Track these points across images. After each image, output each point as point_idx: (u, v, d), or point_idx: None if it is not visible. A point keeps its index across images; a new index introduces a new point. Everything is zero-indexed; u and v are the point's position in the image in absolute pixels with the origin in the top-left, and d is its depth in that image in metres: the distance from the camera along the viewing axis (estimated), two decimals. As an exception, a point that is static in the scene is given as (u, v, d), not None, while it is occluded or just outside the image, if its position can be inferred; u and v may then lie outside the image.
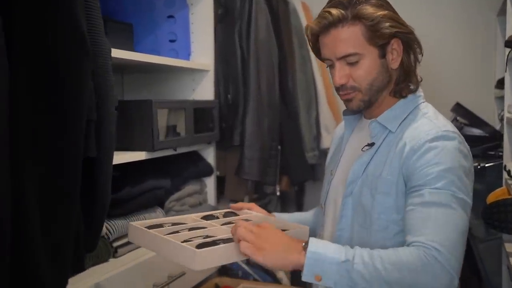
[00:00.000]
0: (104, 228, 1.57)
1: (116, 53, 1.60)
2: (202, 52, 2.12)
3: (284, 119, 2.30)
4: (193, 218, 1.49)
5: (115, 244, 1.62)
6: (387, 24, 1.24)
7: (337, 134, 1.58)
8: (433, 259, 1.10)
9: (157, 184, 1.83)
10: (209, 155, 2.15)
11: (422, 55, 1.33)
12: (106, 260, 1.58)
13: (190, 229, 1.39)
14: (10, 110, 0.90)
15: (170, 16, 2.06)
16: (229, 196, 2.22)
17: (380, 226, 1.26)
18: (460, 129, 2.08)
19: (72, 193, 1.01)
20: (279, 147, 2.26)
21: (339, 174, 1.42)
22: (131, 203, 1.70)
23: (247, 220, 1.50)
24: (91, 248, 1.19)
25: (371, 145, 1.33)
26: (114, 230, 1.61)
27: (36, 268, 0.96)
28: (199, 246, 1.22)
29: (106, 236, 1.59)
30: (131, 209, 1.70)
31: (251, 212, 1.55)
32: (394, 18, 1.27)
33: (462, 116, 2.57)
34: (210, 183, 2.16)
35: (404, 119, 1.31)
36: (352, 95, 1.31)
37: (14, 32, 0.90)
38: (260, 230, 1.17)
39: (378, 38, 1.25)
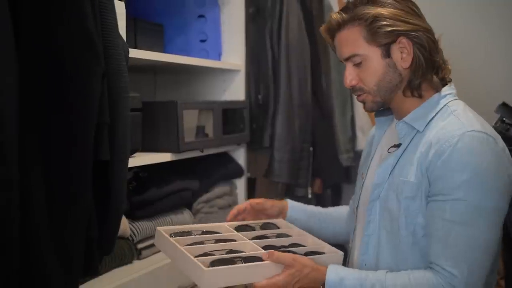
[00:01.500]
0: (128, 229, 1.57)
1: (147, 54, 1.62)
2: (233, 52, 2.10)
3: (317, 120, 2.24)
4: (226, 227, 1.46)
5: (140, 246, 1.62)
6: (384, 23, 1.22)
7: (371, 136, 1.54)
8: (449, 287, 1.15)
9: (185, 186, 1.82)
10: (240, 156, 2.13)
11: (438, 53, 1.27)
12: (130, 262, 1.58)
13: (217, 240, 1.37)
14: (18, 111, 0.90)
15: (201, 16, 2.04)
16: (260, 198, 2.17)
17: (408, 231, 1.23)
18: (507, 130, 1.98)
19: (82, 196, 1.00)
20: (311, 148, 2.20)
21: (370, 178, 1.38)
22: (156, 205, 1.69)
23: (281, 235, 1.46)
24: (107, 252, 1.18)
25: (397, 146, 1.29)
26: (139, 231, 1.60)
27: (44, 272, 0.95)
28: (215, 262, 1.19)
29: (130, 238, 1.59)
30: (156, 210, 1.69)
31: (291, 227, 1.52)
32: (396, 16, 1.22)
33: (509, 116, 2.44)
34: (240, 184, 2.14)
35: (432, 118, 1.26)
36: (363, 97, 1.31)
37: (20, 34, 0.90)
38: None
39: (379, 38, 1.24)
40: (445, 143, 1.18)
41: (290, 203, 1.62)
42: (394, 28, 1.22)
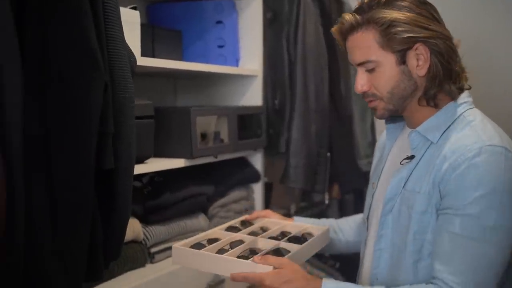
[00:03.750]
0: (141, 234, 1.60)
1: (164, 63, 1.64)
2: (251, 57, 2.10)
3: (334, 125, 2.23)
4: (217, 231, 1.52)
5: (153, 250, 1.64)
6: (401, 28, 1.15)
7: (381, 142, 1.50)
8: None
9: (199, 191, 1.84)
10: (257, 161, 2.13)
11: (459, 61, 1.22)
12: (143, 266, 1.61)
13: (231, 244, 1.41)
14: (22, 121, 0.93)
15: (219, 22, 2.06)
16: (276, 203, 2.18)
17: (415, 247, 1.19)
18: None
19: (84, 203, 1.02)
20: (329, 154, 2.19)
21: (381, 188, 1.34)
22: (170, 210, 1.71)
23: (264, 228, 1.56)
24: (115, 257, 1.21)
25: (410, 158, 1.23)
26: (152, 236, 1.63)
27: (46, 277, 0.98)
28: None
29: (143, 242, 1.62)
30: (170, 215, 1.71)
31: (273, 221, 1.59)
32: (413, 21, 1.15)
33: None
34: (257, 189, 2.14)
35: (447, 128, 1.20)
36: (375, 103, 1.25)
37: (24, 48, 0.93)
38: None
39: (394, 44, 1.17)
40: (461, 157, 1.12)
41: (297, 219, 1.63)
42: (411, 35, 1.15)
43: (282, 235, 1.51)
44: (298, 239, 1.45)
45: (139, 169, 1.48)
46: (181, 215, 1.76)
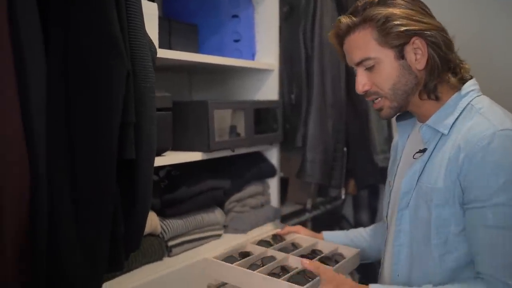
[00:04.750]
0: (159, 227, 1.60)
1: (181, 55, 1.64)
2: (267, 51, 2.09)
3: (351, 120, 2.21)
4: (249, 245, 1.55)
5: (170, 244, 1.64)
6: (397, 22, 1.16)
7: (395, 141, 1.50)
8: None
9: (216, 185, 1.83)
10: (273, 156, 2.12)
11: (454, 51, 1.22)
12: (160, 259, 1.61)
13: (263, 259, 1.44)
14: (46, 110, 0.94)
15: (235, 16, 2.05)
16: (292, 198, 2.17)
17: (440, 240, 1.18)
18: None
19: (106, 194, 1.02)
20: (345, 149, 2.17)
21: (397, 185, 1.34)
22: (187, 203, 1.71)
23: (295, 244, 1.59)
24: (134, 248, 1.21)
25: (423, 151, 1.23)
26: (169, 229, 1.63)
27: (69, 267, 0.98)
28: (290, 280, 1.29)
29: (161, 235, 1.61)
30: (187, 209, 1.71)
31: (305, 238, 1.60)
32: (407, 15, 1.16)
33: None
34: (273, 184, 2.13)
35: (457, 118, 1.19)
36: (380, 103, 1.25)
37: (49, 39, 0.93)
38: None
39: (391, 39, 1.18)
40: (476, 146, 1.11)
41: (326, 237, 1.63)
42: (407, 28, 1.16)
43: (313, 253, 1.53)
44: (330, 260, 1.47)
45: (157, 161, 1.47)
46: (197, 209, 1.76)
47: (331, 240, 1.61)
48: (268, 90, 2.11)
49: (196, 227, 1.73)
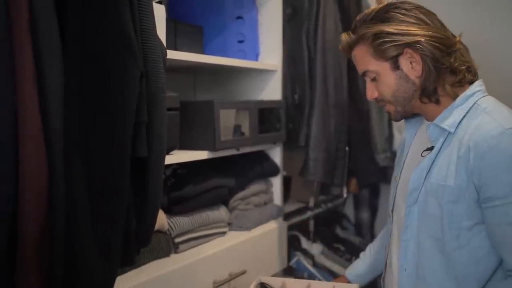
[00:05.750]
0: (166, 224, 1.63)
1: (187, 56, 1.68)
2: (270, 52, 2.13)
3: (353, 120, 2.25)
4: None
5: (177, 240, 1.68)
6: (386, 39, 1.24)
7: (402, 138, 1.54)
8: None
9: (221, 183, 1.87)
10: (276, 155, 2.16)
11: (451, 55, 1.24)
12: (167, 255, 1.64)
13: None
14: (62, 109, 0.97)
15: (239, 17, 2.09)
16: (295, 196, 2.21)
17: (452, 235, 1.22)
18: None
19: (120, 190, 1.06)
20: (347, 148, 2.21)
21: (403, 181, 1.38)
22: (193, 201, 1.74)
23: None
24: (144, 244, 1.24)
25: (430, 149, 1.28)
26: (176, 226, 1.66)
27: (85, 261, 1.02)
28: None
29: (168, 232, 1.65)
30: (194, 206, 1.75)
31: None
32: (396, 29, 1.23)
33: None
34: (276, 183, 2.17)
35: (463, 117, 1.24)
36: (388, 107, 1.35)
37: (65, 40, 0.97)
38: None
39: (384, 53, 1.26)
40: (485, 145, 1.15)
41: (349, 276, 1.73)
42: (396, 43, 1.24)
43: None
44: None
45: (165, 160, 1.51)
46: (203, 207, 1.79)
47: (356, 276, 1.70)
48: (271, 91, 2.15)
49: (201, 225, 1.76)
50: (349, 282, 1.70)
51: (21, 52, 0.91)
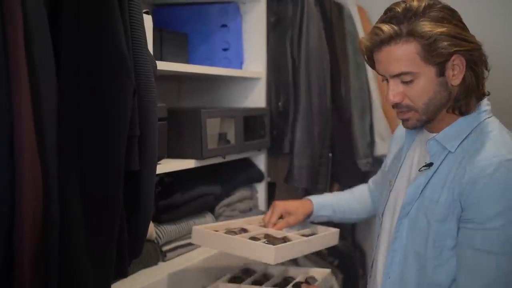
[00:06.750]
0: (154, 232, 1.64)
1: (171, 66, 1.68)
2: (255, 60, 2.15)
3: (336, 126, 2.29)
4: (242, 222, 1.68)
5: (165, 249, 1.69)
6: (446, 43, 1.15)
7: (397, 136, 1.51)
8: None
9: (207, 191, 1.88)
10: (261, 161, 2.18)
11: (489, 71, 1.23)
12: (155, 264, 1.65)
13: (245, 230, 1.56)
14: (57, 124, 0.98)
15: (224, 26, 2.11)
16: (280, 202, 2.23)
17: (435, 253, 1.22)
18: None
19: (114, 204, 1.07)
20: (330, 154, 2.25)
21: (397, 188, 1.37)
22: (180, 209, 1.76)
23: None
24: (136, 255, 1.26)
25: (429, 165, 1.25)
26: (164, 234, 1.68)
27: (79, 273, 1.03)
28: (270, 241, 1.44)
29: (155, 241, 1.66)
30: (181, 214, 1.76)
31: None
32: (455, 34, 1.16)
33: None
34: (261, 189, 2.20)
35: (466, 137, 1.22)
36: (408, 115, 1.25)
37: (60, 56, 0.98)
38: None
39: (436, 57, 1.16)
40: (481, 172, 1.14)
41: (316, 204, 1.67)
42: (456, 49, 1.15)
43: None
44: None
45: (155, 169, 1.53)
46: (190, 214, 1.81)
47: (321, 213, 1.68)
48: (256, 98, 2.17)
49: (189, 232, 1.77)
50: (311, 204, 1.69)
51: (17, 68, 0.92)
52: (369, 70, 2.47)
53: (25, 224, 0.94)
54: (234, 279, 1.65)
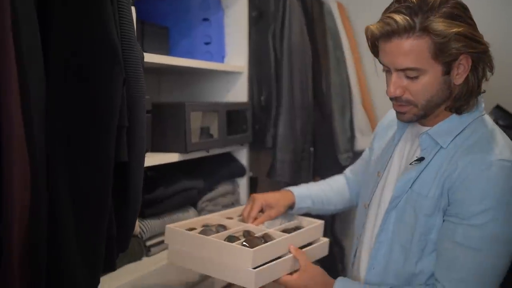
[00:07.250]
0: (137, 227, 1.62)
1: (152, 58, 1.65)
2: (236, 54, 2.15)
3: (317, 121, 2.30)
4: (217, 217, 1.63)
5: (148, 243, 1.67)
6: (460, 44, 1.12)
7: (384, 125, 1.51)
8: None
9: (190, 185, 1.87)
10: (243, 156, 2.18)
11: (492, 74, 1.23)
12: (139, 259, 1.63)
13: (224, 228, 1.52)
14: (45, 117, 0.96)
15: (205, 19, 2.09)
16: (261, 197, 2.23)
17: (419, 247, 1.24)
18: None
19: (104, 196, 1.05)
20: (312, 148, 2.26)
21: (385, 180, 1.37)
22: (164, 203, 1.74)
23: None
24: (123, 249, 1.23)
25: (420, 159, 1.25)
26: (148, 229, 1.66)
27: (69, 268, 1.01)
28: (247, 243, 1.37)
29: (139, 236, 1.64)
30: (164, 209, 1.74)
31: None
32: (469, 35, 1.13)
33: (503, 119, 2.51)
34: (243, 184, 2.19)
35: (459, 134, 1.23)
36: (406, 108, 1.24)
37: (50, 46, 0.95)
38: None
39: (446, 57, 1.14)
40: (472, 169, 1.15)
41: (297, 195, 1.64)
42: (469, 50, 1.14)
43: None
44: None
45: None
46: (174, 209, 1.79)
47: (302, 205, 1.65)
48: (237, 92, 2.16)
49: (172, 227, 1.76)
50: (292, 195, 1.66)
51: (4, 59, 0.89)
52: (349, 66, 2.49)
53: (13, 220, 0.92)
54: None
